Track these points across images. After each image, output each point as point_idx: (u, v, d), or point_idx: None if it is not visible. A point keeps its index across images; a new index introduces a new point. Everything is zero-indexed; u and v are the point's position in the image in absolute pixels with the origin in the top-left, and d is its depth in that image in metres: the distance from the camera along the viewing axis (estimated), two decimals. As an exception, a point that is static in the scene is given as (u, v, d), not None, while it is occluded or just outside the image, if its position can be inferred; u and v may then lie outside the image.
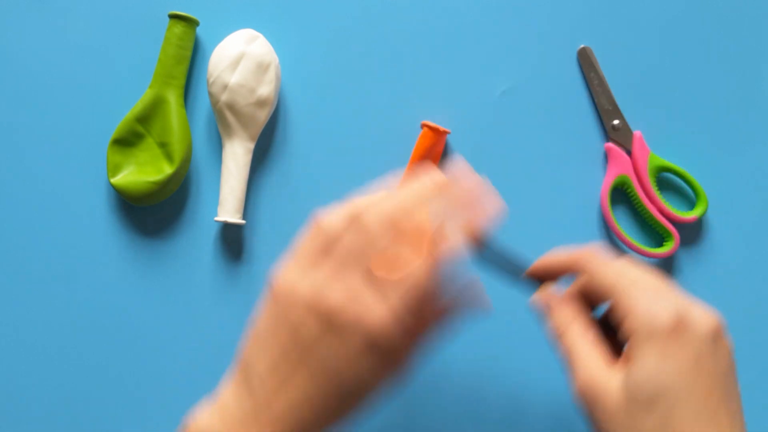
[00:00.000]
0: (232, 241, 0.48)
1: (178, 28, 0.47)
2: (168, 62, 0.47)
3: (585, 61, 0.49)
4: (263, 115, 0.47)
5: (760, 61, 0.49)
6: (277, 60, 0.47)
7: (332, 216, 0.34)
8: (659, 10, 0.49)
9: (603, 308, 0.35)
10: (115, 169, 0.47)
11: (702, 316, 0.32)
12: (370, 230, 0.33)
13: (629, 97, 0.48)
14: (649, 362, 0.31)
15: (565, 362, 0.34)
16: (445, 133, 0.47)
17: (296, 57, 0.49)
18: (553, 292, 0.37)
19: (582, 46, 0.49)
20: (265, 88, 0.46)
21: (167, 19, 0.48)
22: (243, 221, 0.47)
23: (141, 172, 0.47)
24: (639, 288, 0.33)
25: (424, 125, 0.47)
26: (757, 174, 0.48)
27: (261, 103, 0.46)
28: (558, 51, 0.49)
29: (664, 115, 0.49)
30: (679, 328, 0.31)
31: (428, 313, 0.35)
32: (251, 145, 0.47)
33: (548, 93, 0.49)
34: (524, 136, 0.48)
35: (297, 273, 0.34)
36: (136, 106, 0.47)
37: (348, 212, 0.34)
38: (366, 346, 0.31)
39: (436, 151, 0.47)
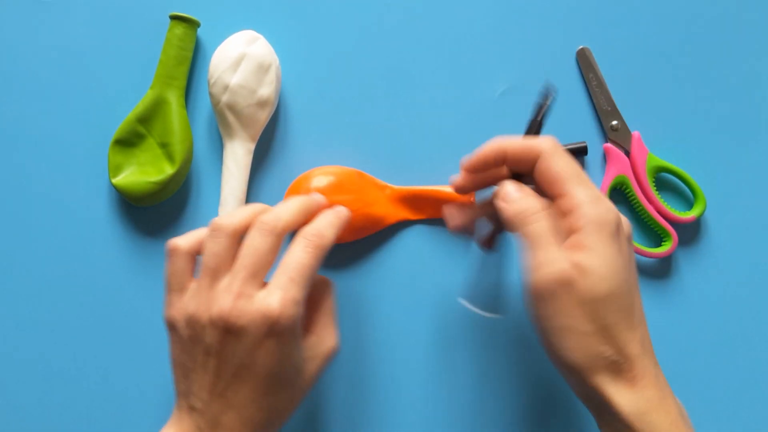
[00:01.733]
0: (233, 241, 0.48)
1: (179, 29, 0.47)
2: (169, 63, 0.47)
3: (584, 62, 0.49)
4: (264, 116, 0.47)
5: (759, 61, 0.49)
6: (277, 61, 0.47)
7: (182, 238, 0.39)
8: (658, 11, 0.49)
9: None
10: (116, 170, 0.47)
11: (625, 220, 0.37)
12: (224, 233, 0.36)
13: (628, 98, 0.49)
14: (605, 253, 0.34)
15: (527, 245, 0.36)
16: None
17: (296, 58, 0.49)
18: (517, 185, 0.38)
19: (581, 46, 0.49)
20: (266, 89, 0.46)
21: (168, 20, 0.48)
22: (244, 221, 0.47)
23: (142, 172, 0.47)
24: (585, 185, 0.36)
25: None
26: (755, 174, 0.49)
27: (262, 103, 0.46)
28: (557, 52, 0.49)
29: (662, 115, 0.49)
30: (619, 230, 0.35)
31: (314, 294, 0.40)
32: (252, 146, 0.47)
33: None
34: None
35: (178, 300, 0.37)
36: (138, 106, 0.47)
37: (198, 231, 0.39)
38: (271, 332, 0.34)
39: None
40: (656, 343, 0.47)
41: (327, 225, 0.38)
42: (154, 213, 0.49)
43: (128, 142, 0.47)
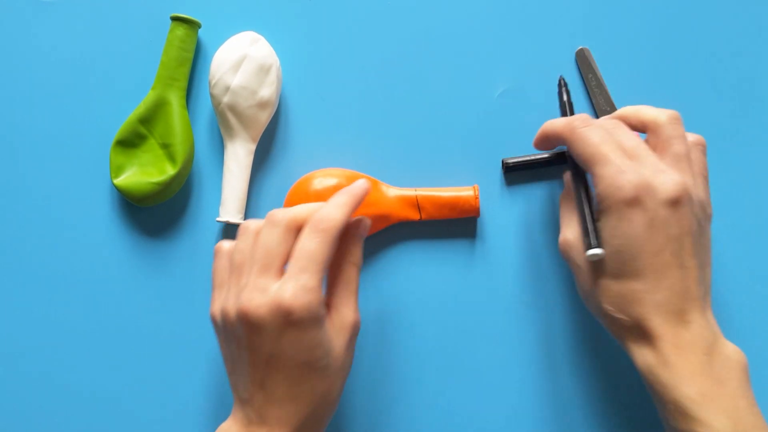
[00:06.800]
0: (234, 241, 0.49)
1: (180, 31, 0.47)
2: (170, 64, 0.47)
3: (583, 63, 0.49)
4: (264, 117, 0.47)
5: (757, 62, 0.49)
6: (278, 62, 0.47)
7: (226, 241, 0.41)
8: (657, 11, 0.49)
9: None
10: (118, 170, 0.47)
11: (665, 183, 0.36)
12: (250, 232, 0.39)
13: (627, 99, 0.49)
14: (607, 228, 0.37)
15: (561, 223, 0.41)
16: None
17: (297, 59, 0.49)
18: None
19: (580, 47, 0.49)
20: (267, 90, 0.46)
21: (169, 21, 0.48)
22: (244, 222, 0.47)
23: (144, 173, 0.47)
24: (612, 157, 0.37)
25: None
26: (754, 175, 0.49)
27: (262, 104, 0.46)
28: (556, 52, 0.49)
29: (661, 116, 0.49)
30: (638, 197, 0.36)
31: (335, 271, 0.41)
32: (253, 146, 0.47)
33: (546, 94, 0.49)
34: (522, 137, 0.49)
35: (217, 299, 0.40)
36: (139, 107, 0.47)
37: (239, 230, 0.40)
38: (288, 323, 0.35)
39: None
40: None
41: (333, 207, 0.38)
42: (155, 213, 0.49)
43: (130, 142, 0.48)
